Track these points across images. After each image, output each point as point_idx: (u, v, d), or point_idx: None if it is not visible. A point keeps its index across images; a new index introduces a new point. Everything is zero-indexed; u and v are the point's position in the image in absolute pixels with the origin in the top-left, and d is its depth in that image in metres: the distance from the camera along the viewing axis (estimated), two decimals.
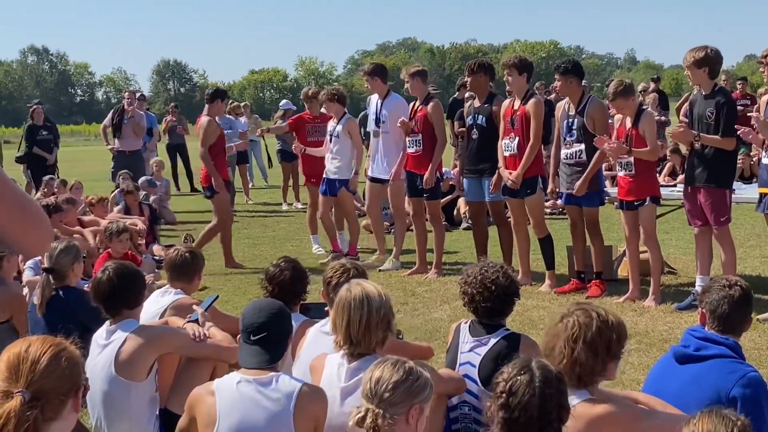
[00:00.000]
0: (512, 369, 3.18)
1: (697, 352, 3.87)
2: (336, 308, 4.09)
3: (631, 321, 7.65)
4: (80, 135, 74.25)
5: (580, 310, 3.66)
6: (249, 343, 3.97)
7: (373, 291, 4.06)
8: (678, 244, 11.09)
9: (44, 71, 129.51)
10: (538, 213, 9.27)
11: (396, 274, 10.11)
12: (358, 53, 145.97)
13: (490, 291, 4.49)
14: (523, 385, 3.12)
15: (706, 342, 3.88)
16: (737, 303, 3.95)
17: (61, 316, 5.74)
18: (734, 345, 3.88)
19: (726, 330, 3.95)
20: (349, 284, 4.17)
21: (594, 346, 3.55)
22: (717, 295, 3.99)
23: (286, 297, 4.98)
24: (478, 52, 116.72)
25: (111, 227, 9.06)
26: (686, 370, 3.87)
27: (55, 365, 2.67)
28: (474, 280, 4.53)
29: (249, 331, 3.98)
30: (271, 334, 3.97)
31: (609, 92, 8.42)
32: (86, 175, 20.61)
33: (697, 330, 4.00)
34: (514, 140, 9.02)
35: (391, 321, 4.10)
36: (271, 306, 4.14)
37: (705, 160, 7.82)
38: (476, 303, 4.53)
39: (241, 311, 4.22)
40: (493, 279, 4.50)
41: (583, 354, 3.54)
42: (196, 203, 18.40)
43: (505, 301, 4.55)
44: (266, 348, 3.94)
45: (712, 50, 7.81)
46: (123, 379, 4.64)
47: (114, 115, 16.08)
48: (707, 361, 3.83)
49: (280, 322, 4.05)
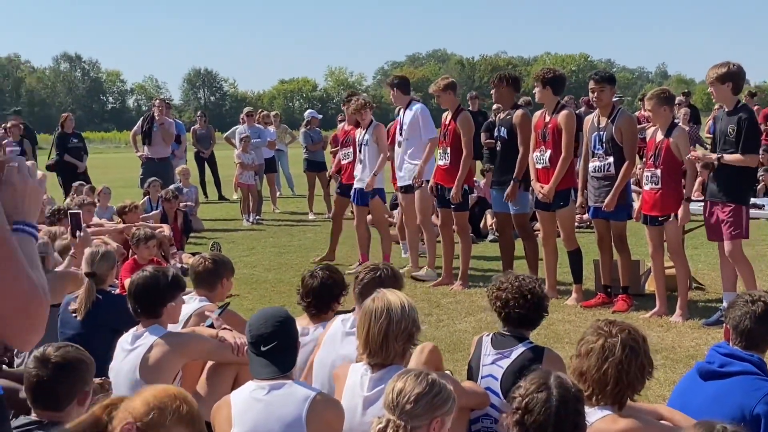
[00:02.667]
0: (530, 385, 3.15)
1: (722, 369, 3.83)
2: (360, 316, 4.12)
3: (658, 336, 7.59)
4: (111, 142, 74.97)
5: (624, 331, 3.63)
6: (259, 354, 3.96)
7: (397, 303, 4.04)
8: (707, 260, 10.98)
9: (76, 78, 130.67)
10: (569, 225, 9.23)
11: (422, 285, 10.10)
12: (388, 64, 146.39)
13: (525, 299, 4.48)
14: (539, 404, 3.09)
15: (731, 358, 3.85)
16: (760, 318, 3.91)
17: (97, 319, 5.78)
18: (759, 362, 3.84)
19: (749, 346, 3.91)
20: (376, 293, 4.15)
21: (629, 369, 3.54)
22: (740, 310, 3.96)
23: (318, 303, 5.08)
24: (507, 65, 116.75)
25: (138, 233, 9.09)
26: (710, 387, 3.83)
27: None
28: (510, 287, 4.52)
29: (258, 342, 3.97)
30: (280, 343, 3.95)
31: (653, 95, 8.38)
32: (116, 182, 20.79)
33: (722, 346, 3.96)
34: (545, 153, 9.00)
35: (413, 334, 4.08)
36: (276, 314, 4.11)
37: (723, 176, 7.79)
38: (509, 308, 4.50)
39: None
40: (530, 288, 4.51)
41: (621, 375, 3.52)
42: (223, 211, 18.53)
43: (537, 311, 4.53)
44: (277, 358, 3.94)
45: (734, 65, 7.77)
46: (148, 384, 4.64)
47: (144, 122, 16.21)
48: (731, 377, 3.79)
49: (287, 330, 4.03)
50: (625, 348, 3.54)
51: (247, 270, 10.92)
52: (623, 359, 3.52)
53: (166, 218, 12.56)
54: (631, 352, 3.54)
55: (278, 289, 9.63)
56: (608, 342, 3.57)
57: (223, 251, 12.17)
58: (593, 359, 3.57)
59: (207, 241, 13.39)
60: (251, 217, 16.50)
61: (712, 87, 7.89)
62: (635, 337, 3.60)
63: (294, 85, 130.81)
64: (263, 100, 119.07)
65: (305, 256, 12.25)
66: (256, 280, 10.59)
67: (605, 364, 3.53)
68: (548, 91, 9.05)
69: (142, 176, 15.56)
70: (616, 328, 3.63)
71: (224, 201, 20.52)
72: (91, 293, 5.91)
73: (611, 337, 3.58)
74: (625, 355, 3.53)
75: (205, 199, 20.24)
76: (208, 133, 21.11)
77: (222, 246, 12.84)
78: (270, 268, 11.48)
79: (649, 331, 7.82)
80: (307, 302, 5.27)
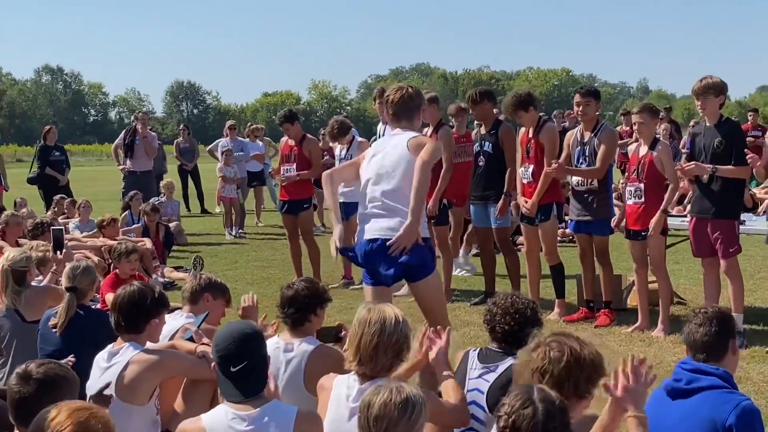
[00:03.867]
0: (514, 401, 3.14)
1: (689, 386, 3.85)
2: (354, 324, 4.14)
3: (640, 351, 7.61)
4: (92, 155, 74.61)
5: (555, 342, 3.62)
6: (229, 375, 3.84)
7: (391, 316, 4.08)
8: (688, 275, 11.04)
9: (58, 91, 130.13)
10: (551, 240, 9.25)
11: (404, 300, 10.07)
12: (372, 77, 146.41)
13: (512, 317, 4.54)
14: (526, 420, 3.08)
15: (697, 374, 3.86)
16: (710, 330, 3.93)
17: (77, 334, 5.74)
18: (725, 374, 3.86)
19: (709, 358, 3.92)
20: (371, 305, 4.20)
21: (560, 383, 3.50)
22: (690, 327, 4.01)
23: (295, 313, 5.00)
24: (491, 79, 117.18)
25: (120, 248, 9.04)
26: (680, 405, 3.84)
27: None
28: (502, 303, 4.60)
29: (227, 362, 3.84)
30: (249, 363, 3.84)
31: (640, 107, 8.42)
32: (97, 195, 20.72)
33: (687, 362, 3.97)
34: (528, 168, 9.04)
35: (402, 350, 4.11)
36: (243, 330, 3.96)
37: (713, 192, 7.75)
38: (495, 323, 4.58)
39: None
40: (520, 308, 4.56)
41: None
42: (205, 225, 18.46)
43: (523, 330, 4.54)
44: (247, 379, 3.83)
45: (721, 79, 7.80)
46: (124, 402, 4.60)
47: (126, 135, 16.16)
48: (700, 393, 3.81)
49: (256, 347, 3.92)
50: (546, 358, 3.58)
51: (229, 284, 10.68)
52: (539, 368, 3.56)
53: (147, 232, 12.53)
54: (553, 363, 3.56)
55: (261, 304, 9.51)
56: (536, 351, 3.63)
57: (206, 265, 12.15)
58: (520, 364, 3.69)
59: (189, 255, 13.34)
60: (234, 230, 16.47)
61: (701, 99, 7.76)
62: (563, 349, 3.60)
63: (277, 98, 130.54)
64: (246, 113, 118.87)
65: (288, 270, 12.20)
66: (238, 295, 10.39)
67: (526, 371, 3.60)
68: (525, 113, 9.06)
69: (125, 189, 15.51)
70: (551, 338, 3.69)
71: (207, 214, 20.47)
72: (71, 308, 5.87)
73: (541, 346, 3.64)
74: (543, 364, 3.56)
75: (188, 213, 20.19)
76: (192, 147, 21.09)
77: (204, 260, 12.81)
78: (253, 283, 11.44)
79: (631, 346, 7.86)
80: (283, 314, 5.09)
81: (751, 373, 6.92)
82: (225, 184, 16.88)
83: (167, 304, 5.04)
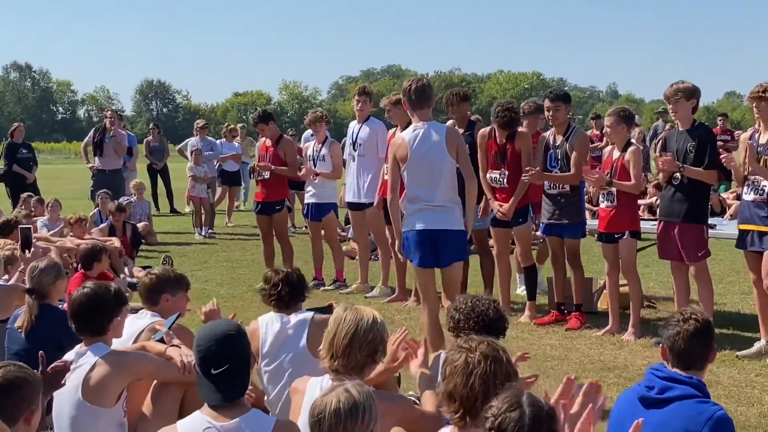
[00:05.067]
0: (502, 404, 3.11)
1: (662, 395, 3.82)
2: (330, 321, 4.13)
3: (611, 354, 7.64)
4: (60, 153, 74.04)
5: (483, 343, 3.56)
6: (209, 377, 3.70)
7: (368, 315, 4.07)
8: (658, 278, 11.10)
9: (26, 88, 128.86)
10: (526, 242, 9.24)
11: (375, 302, 10.06)
12: (343, 79, 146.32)
13: (475, 321, 4.53)
14: (512, 423, 3.05)
15: (670, 382, 3.84)
16: (693, 337, 3.91)
17: (41, 335, 5.65)
18: (698, 383, 3.84)
19: (687, 365, 3.90)
20: (349, 305, 4.20)
21: (495, 379, 3.45)
22: (673, 330, 3.96)
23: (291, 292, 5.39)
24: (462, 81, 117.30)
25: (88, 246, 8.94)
26: (653, 415, 3.81)
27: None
28: (464, 308, 4.58)
29: (208, 364, 3.69)
30: (231, 366, 3.70)
31: (613, 112, 8.42)
32: (65, 194, 20.51)
33: (660, 369, 3.94)
34: (504, 175, 8.99)
35: (377, 349, 4.07)
36: (227, 331, 3.80)
37: (681, 196, 7.80)
38: (459, 330, 4.55)
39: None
40: (482, 310, 4.55)
41: (488, 386, 3.44)
42: (175, 224, 18.34)
43: (488, 333, 4.51)
44: (228, 383, 3.70)
45: (692, 84, 7.84)
46: (91, 404, 4.53)
47: (95, 133, 16.00)
48: (673, 403, 3.79)
49: (239, 349, 3.80)
50: (488, 358, 3.52)
51: (199, 284, 10.78)
52: (488, 370, 3.50)
53: (114, 231, 12.42)
54: (494, 361, 3.51)
55: (231, 304, 9.51)
56: (470, 356, 3.54)
57: (175, 265, 12.04)
58: (458, 377, 3.51)
59: (159, 255, 13.25)
60: (203, 230, 16.38)
61: (672, 103, 7.83)
62: (495, 347, 3.57)
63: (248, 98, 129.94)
64: (217, 113, 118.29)
65: (258, 270, 12.13)
66: (208, 295, 10.42)
67: (471, 378, 3.49)
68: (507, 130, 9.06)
69: (93, 188, 15.37)
70: (475, 342, 3.62)
71: (176, 214, 20.35)
72: (33, 308, 5.79)
73: (472, 351, 3.56)
74: (488, 365, 3.51)
75: (157, 212, 20.04)
76: (162, 146, 20.95)
77: (174, 260, 12.71)
78: (222, 283, 11.37)
79: (602, 349, 7.88)
80: (277, 292, 5.41)
81: (721, 377, 6.94)
82: (195, 184, 16.79)
83: (125, 300, 4.93)
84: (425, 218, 6.96)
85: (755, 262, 7.41)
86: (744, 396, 6.46)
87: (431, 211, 6.92)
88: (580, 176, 8.60)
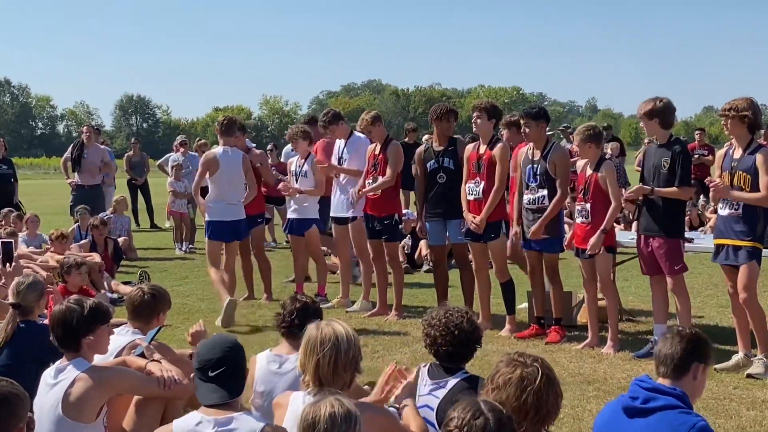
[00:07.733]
0: (464, 413, 3.13)
1: (646, 405, 3.87)
2: (304, 348, 4.08)
3: (590, 368, 7.67)
4: (39, 168, 73.67)
5: (538, 361, 3.62)
6: (206, 380, 3.92)
7: (342, 332, 4.07)
8: (637, 292, 11.15)
9: (5, 103, 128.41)
10: (501, 257, 9.28)
11: (356, 316, 10.06)
12: (323, 93, 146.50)
13: (453, 335, 4.52)
14: (478, 430, 3.08)
15: (654, 393, 3.89)
16: (680, 347, 3.98)
17: (22, 350, 5.62)
18: (681, 394, 3.89)
19: (677, 377, 3.97)
20: (318, 324, 4.15)
21: (548, 397, 3.52)
22: (668, 343, 4.02)
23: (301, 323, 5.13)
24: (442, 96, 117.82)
25: (68, 260, 8.93)
26: (636, 424, 3.86)
27: None
28: (438, 323, 4.57)
29: (206, 368, 3.92)
30: (228, 369, 3.92)
31: (579, 131, 8.48)
32: (45, 209, 20.44)
33: (644, 380, 3.99)
34: (479, 185, 9.06)
35: (359, 362, 4.12)
36: (226, 341, 4.08)
37: (657, 211, 7.88)
38: (438, 346, 4.57)
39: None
40: (457, 323, 4.54)
41: (541, 403, 3.51)
42: (155, 239, 18.29)
43: (467, 346, 4.56)
44: (225, 383, 3.91)
45: (660, 101, 7.91)
46: (71, 420, 4.51)
47: (74, 148, 15.94)
48: (656, 413, 3.84)
49: (236, 356, 4.01)
50: (543, 376, 3.55)
51: (179, 300, 10.75)
52: (542, 387, 3.53)
53: (95, 246, 12.39)
54: (548, 380, 3.56)
55: (211, 319, 9.48)
56: (525, 371, 3.57)
57: (155, 280, 12.01)
58: (512, 389, 3.54)
59: (138, 270, 13.19)
60: (184, 245, 16.34)
61: (642, 122, 8.11)
62: (548, 366, 3.63)
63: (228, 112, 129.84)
64: (197, 128, 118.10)
65: (238, 285, 12.13)
66: (188, 310, 10.44)
67: (524, 394, 3.51)
68: (491, 123, 9.18)
69: (73, 203, 15.31)
70: (530, 358, 3.65)
71: (156, 229, 20.29)
72: (13, 323, 5.77)
73: (527, 366, 3.59)
74: (543, 383, 3.54)
75: (137, 228, 19.97)
76: (142, 161, 20.91)
77: (152, 275, 12.66)
78: (203, 298, 11.34)
79: (582, 363, 7.91)
80: (289, 322, 5.15)
81: None
82: (175, 199, 16.76)
83: (101, 318, 4.84)
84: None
85: (732, 275, 7.47)
86: (722, 409, 6.50)
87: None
88: (566, 195, 8.75)
